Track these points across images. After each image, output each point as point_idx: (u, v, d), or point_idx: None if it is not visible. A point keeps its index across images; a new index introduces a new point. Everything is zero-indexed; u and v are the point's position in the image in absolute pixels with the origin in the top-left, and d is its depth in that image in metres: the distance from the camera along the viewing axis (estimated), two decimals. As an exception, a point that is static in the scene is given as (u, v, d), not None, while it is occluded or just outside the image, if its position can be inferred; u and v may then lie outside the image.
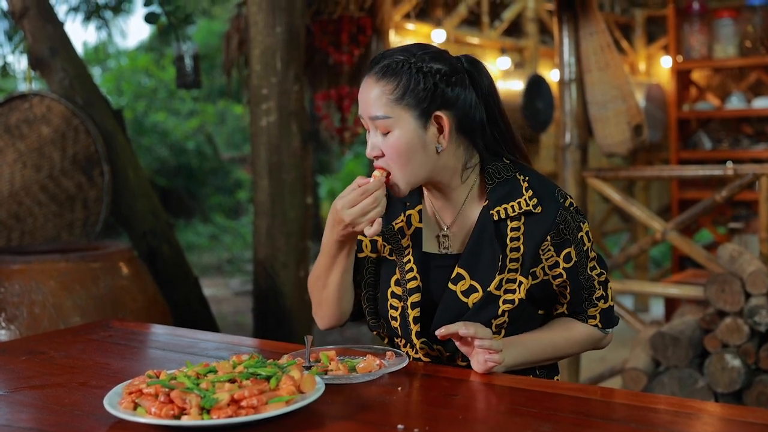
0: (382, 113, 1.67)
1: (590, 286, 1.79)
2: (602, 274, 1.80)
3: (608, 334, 1.87)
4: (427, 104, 1.67)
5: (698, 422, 1.42)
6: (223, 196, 12.48)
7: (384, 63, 1.69)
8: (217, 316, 5.61)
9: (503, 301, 1.73)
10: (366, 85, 1.71)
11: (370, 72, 1.71)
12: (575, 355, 1.88)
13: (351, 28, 4.96)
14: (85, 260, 3.37)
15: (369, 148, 1.72)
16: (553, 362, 1.85)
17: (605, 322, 1.83)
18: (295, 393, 1.42)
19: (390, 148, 1.68)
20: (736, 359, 3.21)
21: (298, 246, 4.10)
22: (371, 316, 1.88)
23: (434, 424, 1.40)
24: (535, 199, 1.72)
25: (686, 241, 3.99)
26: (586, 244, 1.76)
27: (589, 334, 1.83)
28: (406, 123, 1.67)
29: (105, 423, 1.40)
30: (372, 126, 1.71)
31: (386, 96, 1.67)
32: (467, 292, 1.73)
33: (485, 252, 1.73)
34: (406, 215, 1.82)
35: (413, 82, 1.66)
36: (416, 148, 1.68)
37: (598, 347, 1.89)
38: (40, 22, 4.17)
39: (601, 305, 1.81)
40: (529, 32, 6.58)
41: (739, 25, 6.39)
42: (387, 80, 1.67)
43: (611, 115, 3.96)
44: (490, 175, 1.76)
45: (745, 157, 6.34)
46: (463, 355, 1.75)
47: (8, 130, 4.01)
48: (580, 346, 1.84)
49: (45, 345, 2.01)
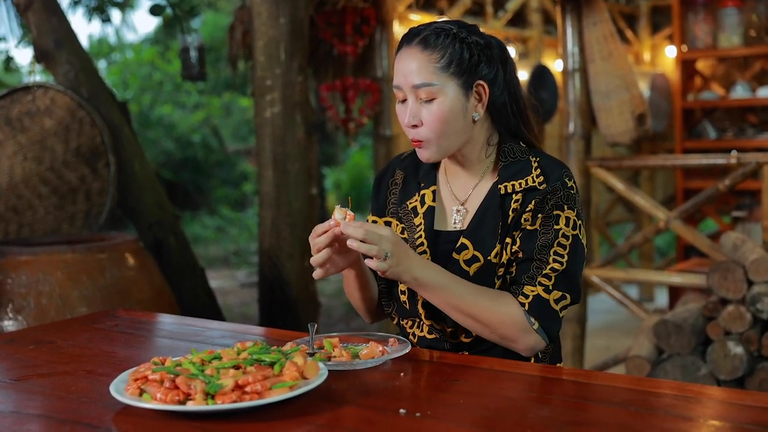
0: (427, 81, 1.72)
1: (540, 262, 1.73)
2: (561, 266, 1.72)
3: (534, 333, 1.71)
4: (470, 74, 1.75)
5: (698, 405, 1.43)
6: (229, 189, 12.50)
7: (425, 34, 1.75)
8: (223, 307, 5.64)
9: (498, 267, 1.77)
10: (407, 56, 1.75)
11: (409, 44, 1.76)
12: (494, 332, 1.70)
13: (355, 18, 4.96)
14: (92, 251, 3.39)
15: (409, 116, 1.76)
16: (473, 324, 1.72)
17: (536, 309, 1.71)
18: (299, 379, 1.44)
19: (432, 115, 1.73)
20: (738, 347, 3.22)
21: (303, 237, 4.12)
22: (383, 296, 1.93)
23: (436, 408, 1.41)
24: (542, 177, 1.77)
25: (689, 230, 3.99)
26: (560, 225, 1.73)
27: (513, 312, 1.70)
28: (451, 90, 1.73)
29: (112, 409, 1.42)
30: (412, 95, 1.75)
31: (432, 64, 1.72)
32: (469, 261, 1.77)
33: (488, 223, 1.78)
34: (420, 194, 1.89)
35: (458, 52, 1.73)
36: (458, 115, 1.75)
37: (519, 341, 1.72)
38: (44, 15, 4.17)
39: (539, 290, 1.71)
40: (532, 22, 6.58)
41: (744, 15, 6.37)
42: (432, 50, 1.73)
43: (615, 104, 3.97)
44: (505, 153, 1.82)
45: (749, 147, 6.32)
46: (466, 332, 1.79)
47: (9, 123, 4.01)
48: (499, 320, 1.70)
49: (52, 334, 2.03)
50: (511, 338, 1.72)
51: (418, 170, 1.93)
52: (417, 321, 1.86)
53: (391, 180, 1.97)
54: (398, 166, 1.98)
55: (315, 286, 4.31)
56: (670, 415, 1.37)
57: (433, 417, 1.37)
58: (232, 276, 8.93)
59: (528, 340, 1.72)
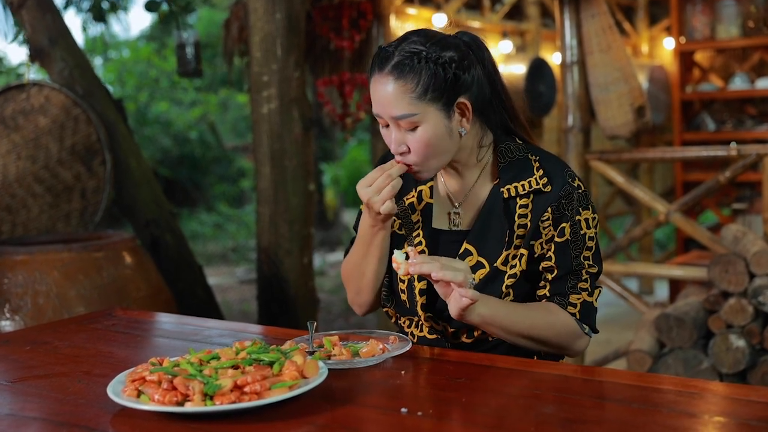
0: (407, 112, 1.65)
1: (578, 271, 1.75)
2: (594, 267, 1.77)
3: (585, 336, 1.77)
4: (449, 94, 1.67)
5: (701, 401, 1.42)
6: (227, 185, 12.49)
7: (396, 61, 1.65)
8: (222, 304, 5.63)
9: (507, 276, 1.74)
10: (380, 85, 1.67)
11: (381, 71, 1.67)
12: (550, 345, 1.74)
13: (352, 13, 4.94)
14: (88, 250, 3.37)
15: (395, 145, 1.70)
16: (528, 343, 1.74)
17: (584, 315, 1.76)
18: (298, 378, 1.43)
19: (418, 143, 1.67)
20: (740, 340, 3.21)
21: (302, 233, 4.11)
22: (384, 288, 1.91)
23: (437, 406, 1.40)
24: (546, 179, 1.74)
25: (690, 223, 3.98)
26: (584, 229, 1.75)
27: (567, 322, 1.74)
28: (433, 116, 1.66)
29: (109, 411, 1.41)
30: (394, 124, 1.69)
31: (408, 95, 1.64)
32: (474, 267, 1.75)
33: (493, 229, 1.76)
34: (417, 191, 1.87)
35: (433, 77, 1.64)
36: (443, 137, 1.69)
37: (573, 347, 1.76)
38: (38, 12, 4.15)
39: (584, 296, 1.76)
40: (530, 15, 6.56)
41: (742, 6, 6.36)
42: (405, 79, 1.64)
43: (613, 97, 3.95)
44: (503, 153, 1.79)
45: (748, 138, 6.32)
46: (467, 332, 1.78)
47: (3, 121, 3.98)
48: (556, 333, 1.73)
49: (49, 335, 2.01)
50: (566, 347, 1.76)
51: None
52: (416, 321, 1.85)
53: None
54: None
55: (314, 282, 4.30)
56: (673, 411, 1.36)
57: (435, 415, 1.35)
58: (230, 273, 8.92)
59: (581, 344, 1.77)
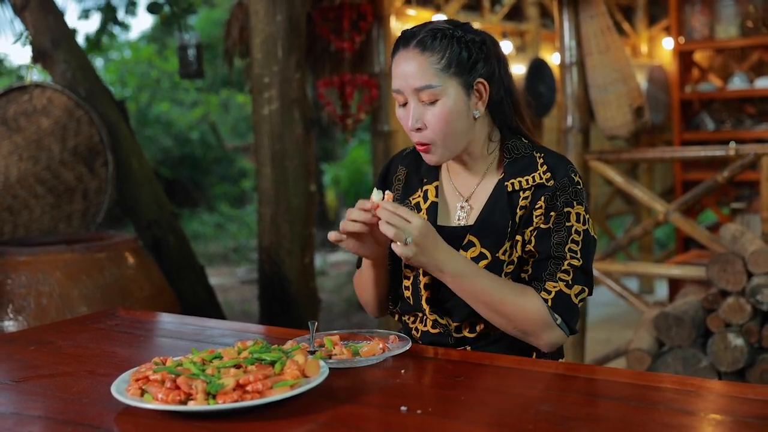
0: (430, 83, 1.71)
1: (559, 260, 1.74)
2: (578, 261, 1.74)
3: (557, 329, 1.73)
4: (470, 73, 1.74)
5: (699, 399, 1.43)
6: (228, 186, 12.50)
7: (422, 36, 1.74)
8: (224, 304, 5.64)
9: (506, 264, 1.77)
10: (405, 58, 1.74)
11: (406, 46, 1.75)
12: (518, 327, 1.71)
13: (352, 14, 4.95)
14: (91, 250, 3.39)
15: (412, 120, 1.75)
16: (498, 319, 1.73)
17: (558, 304, 1.72)
18: (300, 377, 1.44)
19: (436, 117, 1.73)
20: (739, 338, 3.22)
21: (303, 233, 4.12)
22: (391, 297, 1.94)
23: (437, 405, 1.41)
24: (549, 174, 1.78)
25: (689, 222, 3.99)
26: (572, 221, 1.75)
27: (538, 308, 1.71)
28: (453, 91, 1.73)
29: (113, 410, 1.42)
30: (414, 98, 1.74)
31: (433, 66, 1.72)
32: (477, 258, 1.77)
33: (496, 221, 1.78)
34: (423, 190, 1.90)
35: (457, 52, 1.73)
36: (461, 115, 1.75)
37: (542, 337, 1.73)
38: (41, 14, 4.17)
39: (561, 286, 1.73)
40: (530, 16, 6.57)
41: (741, 5, 6.37)
42: (431, 51, 1.72)
43: (612, 97, 3.96)
44: (509, 150, 1.83)
45: (748, 138, 6.33)
46: (470, 326, 1.80)
47: (5, 123, 3.99)
48: (525, 316, 1.71)
49: (52, 335, 2.03)
50: (533, 333, 1.73)
51: (420, 166, 1.94)
52: (420, 316, 1.87)
53: (394, 176, 1.98)
54: (401, 162, 1.98)
55: (315, 282, 4.31)
56: (671, 409, 1.37)
57: (435, 414, 1.36)
58: (232, 273, 8.93)
59: (551, 335, 1.74)
